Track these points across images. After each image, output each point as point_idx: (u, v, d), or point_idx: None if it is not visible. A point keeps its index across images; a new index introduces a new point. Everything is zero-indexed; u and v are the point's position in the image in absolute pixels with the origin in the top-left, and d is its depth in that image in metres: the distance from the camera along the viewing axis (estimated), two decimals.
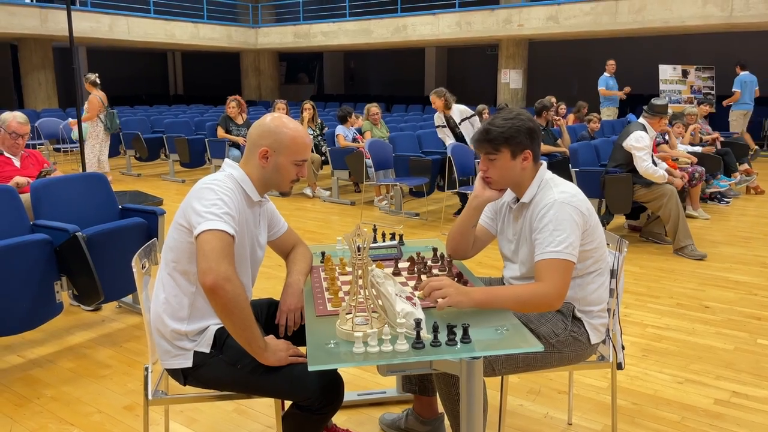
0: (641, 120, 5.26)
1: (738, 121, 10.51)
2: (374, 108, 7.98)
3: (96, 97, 7.23)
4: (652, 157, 5.14)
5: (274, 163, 1.98)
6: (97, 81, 7.41)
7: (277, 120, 1.99)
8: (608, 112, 10.92)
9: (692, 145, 7.37)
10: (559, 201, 1.98)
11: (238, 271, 1.86)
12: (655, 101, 5.24)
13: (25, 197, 3.40)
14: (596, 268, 2.11)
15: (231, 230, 1.81)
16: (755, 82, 10.49)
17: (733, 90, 10.51)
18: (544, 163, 2.15)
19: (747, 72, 10.49)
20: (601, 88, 10.89)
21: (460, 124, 6.63)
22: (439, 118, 6.74)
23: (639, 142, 5.01)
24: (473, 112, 6.97)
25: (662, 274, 4.62)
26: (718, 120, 10.82)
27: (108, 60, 22.04)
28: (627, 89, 10.96)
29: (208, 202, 1.83)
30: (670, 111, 5.96)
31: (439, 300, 1.80)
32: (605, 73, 10.91)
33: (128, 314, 3.85)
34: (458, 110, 6.70)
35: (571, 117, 9.43)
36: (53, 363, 3.18)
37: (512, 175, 2.07)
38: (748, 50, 14.96)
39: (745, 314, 3.80)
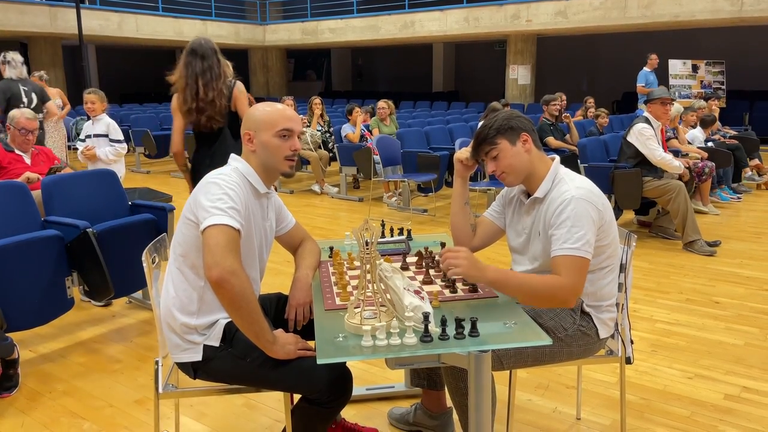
0: (644, 113, 5.27)
1: None
2: (380, 103, 7.98)
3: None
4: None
5: (259, 144, 2.00)
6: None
7: (251, 106, 2.07)
8: None
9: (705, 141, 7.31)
10: (577, 197, 1.96)
11: (245, 265, 1.88)
12: (649, 93, 5.31)
13: (37, 194, 3.43)
14: (609, 264, 2.10)
15: (236, 224, 1.82)
16: None
17: None
18: (558, 158, 2.14)
19: None
20: (639, 85, 9.83)
21: None
22: None
23: (643, 132, 5.01)
24: None
25: (672, 269, 4.60)
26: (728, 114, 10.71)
27: (117, 57, 22.13)
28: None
29: (213, 196, 1.85)
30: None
31: (451, 268, 1.81)
32: (645, 68, 9.91)
33: (138, 309, 3.88)
34: None
35: (579, 113, 9.38)
36: (65, 358, 3.21)
37: (520, 161, 2.06)
38: (758, 44, 14.83)
39: (756, 309, 3.78)
